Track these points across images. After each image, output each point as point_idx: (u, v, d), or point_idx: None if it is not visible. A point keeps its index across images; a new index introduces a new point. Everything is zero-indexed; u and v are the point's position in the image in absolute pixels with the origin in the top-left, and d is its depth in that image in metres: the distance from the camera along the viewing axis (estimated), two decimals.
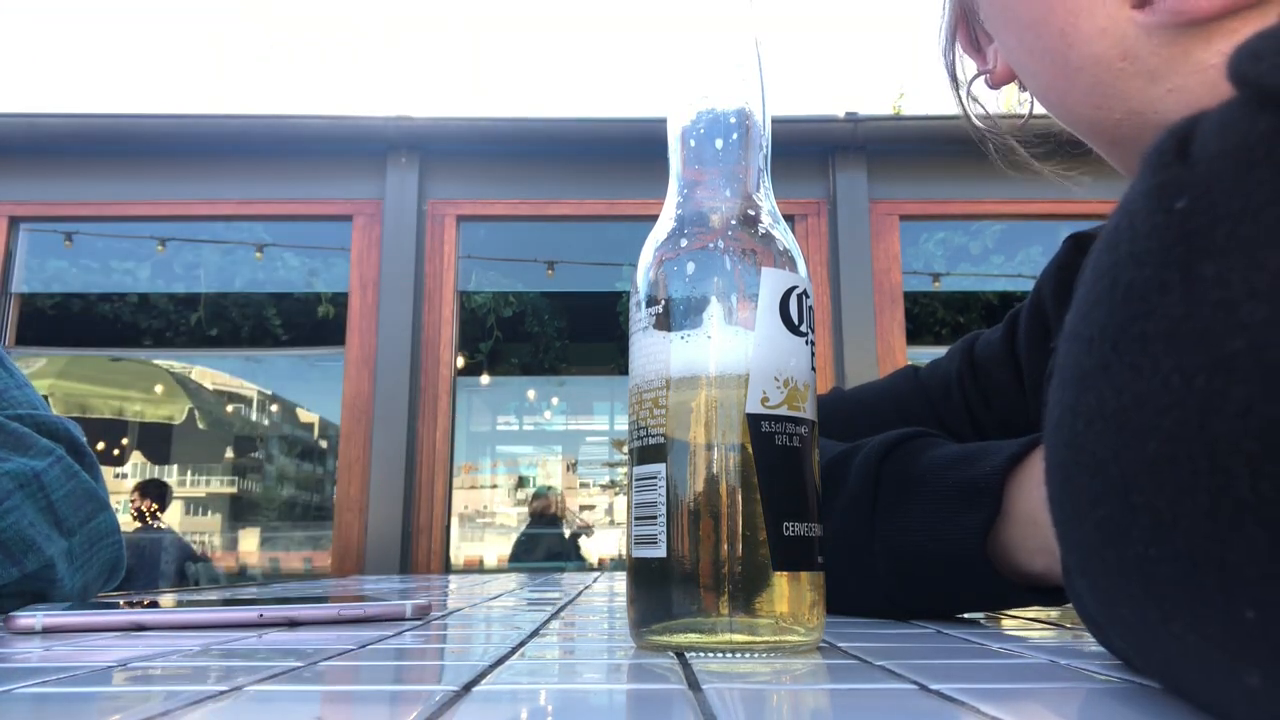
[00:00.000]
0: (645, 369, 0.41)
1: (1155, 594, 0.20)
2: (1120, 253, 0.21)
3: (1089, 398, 0.22)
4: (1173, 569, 0.19)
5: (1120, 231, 0.22)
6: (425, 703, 0.26)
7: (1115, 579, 0.22)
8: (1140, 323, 0.20)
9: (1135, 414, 0.20)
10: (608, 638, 0.45)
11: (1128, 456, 0.20)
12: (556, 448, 7.17)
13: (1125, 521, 0.20)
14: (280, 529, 6.82)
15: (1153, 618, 0.21)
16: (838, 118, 3.54)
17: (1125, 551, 0.21)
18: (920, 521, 0.52)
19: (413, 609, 0.54)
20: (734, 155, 0.43)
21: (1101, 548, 0.22)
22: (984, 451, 0.52)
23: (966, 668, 0.33)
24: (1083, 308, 0.23)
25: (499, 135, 3.57)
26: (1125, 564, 0.21)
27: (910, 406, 0.75)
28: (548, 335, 5.91)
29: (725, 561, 0.38)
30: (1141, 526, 0.20)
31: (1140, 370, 0.20)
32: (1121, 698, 0.27)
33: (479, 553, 6.26)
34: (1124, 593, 0.22)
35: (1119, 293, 0.21)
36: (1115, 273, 0.22)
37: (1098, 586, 0.23)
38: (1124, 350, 0.21)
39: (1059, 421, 0.23)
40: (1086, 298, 0.23)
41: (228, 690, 0.28)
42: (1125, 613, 0.22)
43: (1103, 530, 0.21)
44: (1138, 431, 0.20)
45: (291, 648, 0.40)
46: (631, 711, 0.27)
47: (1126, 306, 0.21)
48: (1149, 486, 0.19)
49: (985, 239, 4.65)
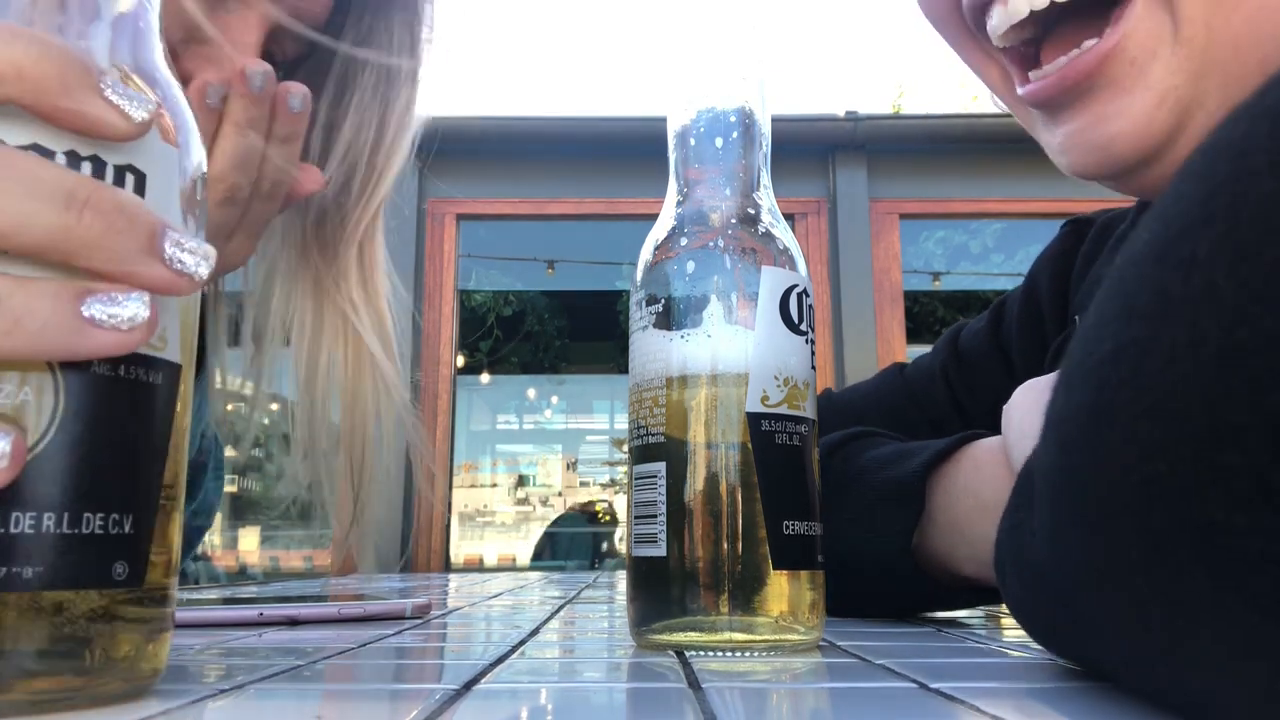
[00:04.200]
0: (645, 368, 0.41)
1: (1219, 566, 0.18)
2: (1255, 161, 0.18)
3: (1175, 331, 0.18)
4: (1265, 544, 0.17)
5: (1255, 139, 0.18)
6: (425, 701, 0.26)
7: (1150, 542, 0.19)
8: (1276, 248, 0.17)
9: (1254, 356, 0.17)
10: (608, 637, 0.45)
11: (1232, 405, 0.17)
12: (556, 446, 7.18)
13: (1200, 481, 0.17)
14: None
15: (1196, 592, 0.18)
16: (838, 116, 3.54)
17: (1185, 515, 0.18)
18: (851, 517, 0.53)
19: (413, 608, 0.54)
20: (734, 154, 0.43)
21: (1141, 509, 0.19)
22: (915, 450, 0.52)
23: (966, 666, 0.33)
24: (1176, 225, 0.20)
25: (499, 134, 3.57)
26: (1177, 528, 0.18)
27: (893, 406, 0.75)
28: (548, 334, 5.91)
29: (725, 560, 0.38)
30: (1231, 491, 0.17)
31: (1270, 303, 0.17)
32: (1121, 697, 0.27)
33: (479, 551, 6.26)
34: (1159, 559, 0.19)
35: (1246, 210, 0.18)
36: (1240, 186, 0.18)
37: (1100, 560, 0.21)
38: (1247, 278, 0.17)
39: (1111, 357, 0.20)
40: (1185, 214, 0.19)
41: (228, 689, 0.28)
42: (1139, 586, 0.20)
43: (1152, 488, 0.19)
44: (1255, 377, 0.17)
45: (292, 646, 0.40)
46: (631, 710, 0.27)
47: (1257, 225, 0.17)
48: (1261, 444, 0.16)
49: (985, 237, 4.65)
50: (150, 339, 0.25)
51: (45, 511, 0.24)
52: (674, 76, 0.44)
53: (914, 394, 0.75)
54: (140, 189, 0.26)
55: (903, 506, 0.50)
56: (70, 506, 0.24)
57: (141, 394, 0.26)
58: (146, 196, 0.26)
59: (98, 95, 0.25)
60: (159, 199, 0.27)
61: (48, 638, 0.24)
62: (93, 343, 0.24)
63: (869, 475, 0.53)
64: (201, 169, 0.29)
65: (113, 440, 0.25)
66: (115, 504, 0.25)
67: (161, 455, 0.27)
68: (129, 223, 0.25)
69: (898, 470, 0.52)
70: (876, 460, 0.54)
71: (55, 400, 0.24)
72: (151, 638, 0.27)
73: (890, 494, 0.51)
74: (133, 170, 0.26)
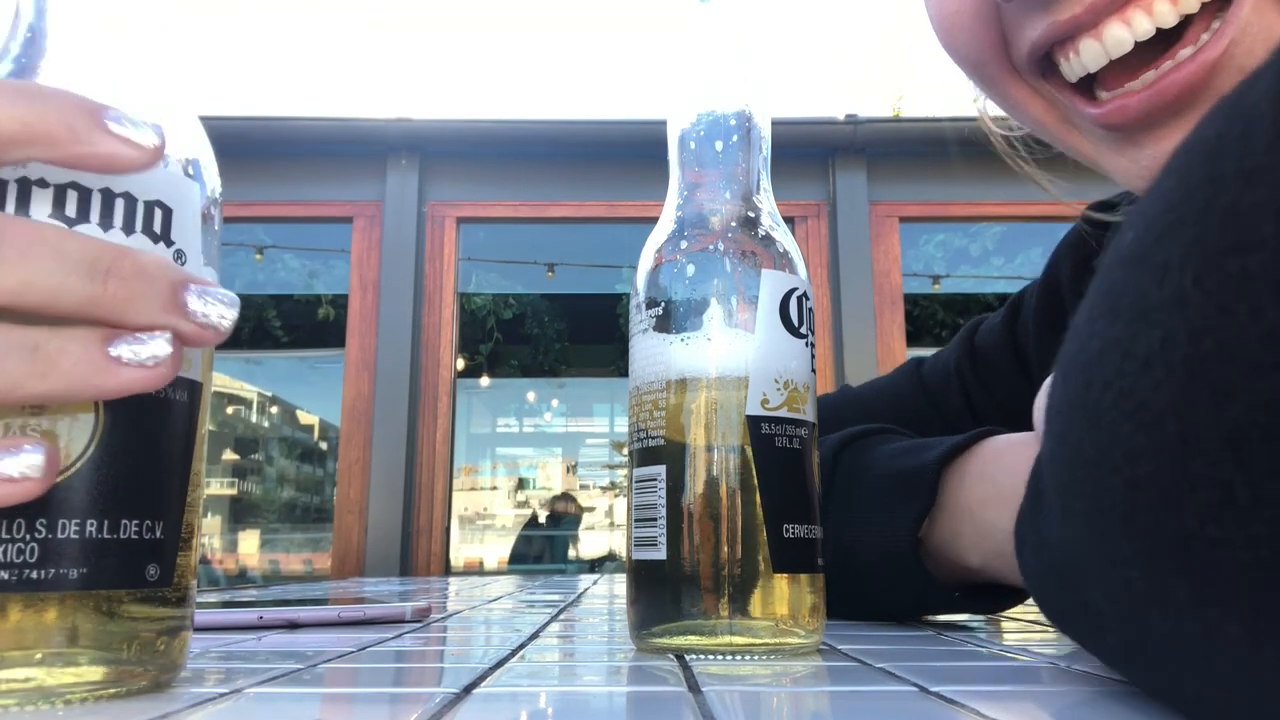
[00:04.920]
0: (645, 371, 0.41)
1: (1198, 575, 0.18)
2: (1223, 167, 0.18)
3: (1151, 336, 0.18)
4: (1234, 555, 0.17)
5: (1228, 141, 0.18)
6: (425, 705, 0.26)
7: (1137, 544, 0.19)
8: (1241, 257, 0.17)
9: (1217, 367, 0.17)
10: (608, 640, 0.45)
11: (1197, 415, 0.17)
12: (556, 450, 7.17)
13: (1175, 488, 0.17)
14: (280, 531, 6.82)
15: (1180, 599, 0.18)
16: (837, 120, 3.55)
17: (1165, 521, 0.18)
18: (861, 509, 0.52)
19: (413, 611, 0.54)
20: (734, 157, 0.43)
21: (1127, 510, 0.19)
22: (931, 444, 0.52)
23: (966, 670, 0.33)
24: (1156, 227, 0.19)
25: (499, 137, 3.57)
26: (1159, 533, 0.18)
27: (907, 402, 0.74)
28: (548, 337, 5.91)
29: (725, 563, 0.38)
30: (1201, 500, 0.17)
31: (1233, 315, 0.16)
32: (1122, 700, 0.27)
33: (479, 555, 6.25)
34: (1146, 561, 0.19)
35: (1215, 217, 0.17)
36: (1213, 190, 0.18)
37: (1098, 550, 0.21)
38: (1212, 288, 0.17)
39: (1098, 355, 0.20)
40: (1163, 216, 0.19)
41: (228, 692, 0.28)
42: (1133, 580, 0.20)
43: (1136, 491, 0.19)
44: (1217, 388, 0.17)
45: (291, 650, 0.40)
46: (632, 714, 0.27)
47: (1224, 235, 0.17)
48: (1224, 455, 0.16)
49: (985, 241, 4.65)
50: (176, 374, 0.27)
51: (88, 519, 0.26)
52: (674, 80, 0.44)
53: (930, 391, 0.74)
54: (167, 222, 0.29)
55: (914, 496, 0.49)
56: (110, 514, 0.27)
57: (170, 411, 0.29)
58: (173, 228, 0.29)
59: (106, 133, 0.26)
60: (184, 229, 0.29)
61: (89, 633, 0.26)
62: (121, 380, 0.25)
63: (880, 467, 0.53)
64: (216, 193, 0.32)
65: (146, 453, 0.28)
66: (148, 511, 0.28)
67: (186, 465, 0.29)
68: (150, 285, 0.26)
69: (912, 461, 0.51)
70: (889, 454, 0.53)
71: (96, 418, 0.27)
72: (176, 635, 0.29)
73: (902, 483, 0.50)
74: (160, 205, 0.29)
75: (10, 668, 0.25)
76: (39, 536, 0.25)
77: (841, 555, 0.52)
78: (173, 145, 0.29)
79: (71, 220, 0.27)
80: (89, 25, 0.29)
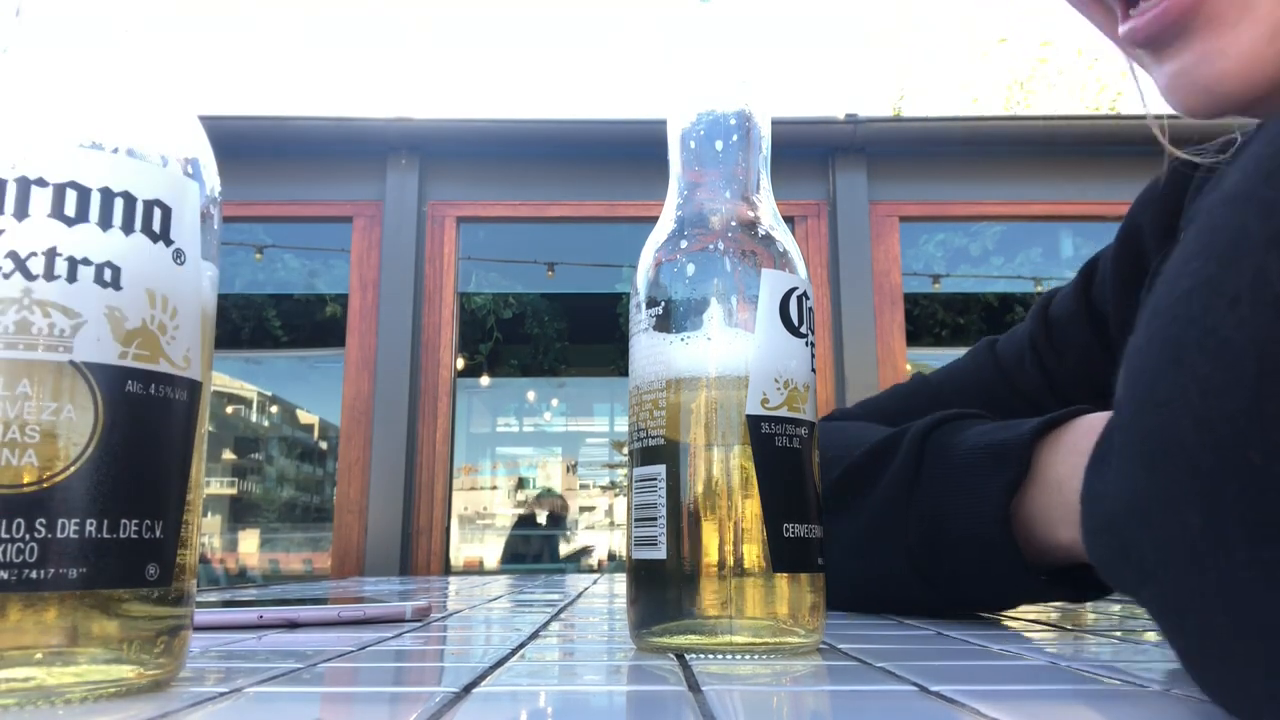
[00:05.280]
0: (645, 370, 0.41)
1: (1261, 512, 0.17)
2: None
3: (1242, 273, 0.18)
4: None
5: None
6: (425, 704, 0.26)
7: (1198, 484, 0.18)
8: None
9: None
10: (608, 639, 0.45)
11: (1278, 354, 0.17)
12: (556, 449, 7.17)
13: (1249, 426, 0.17)
14: (280, 530, 6.82)
15: (1238, 538, 0.18)
16: (837, 119, 3.54)
17: (1231, 459, 0.17)
18: (952, 486, 0.51)
19: (413, 610, 0.54)
20: (734, 157, 0.43)
21: (1194, 448, 0.18)
22: (1023, 422, 0.51)
23: (967, 669, 0.33)
24: (1265, 166, 0.19)
25: (499, 137, 3.57)
26: (1224, 472, 0.18)
27: (982, 383, 0.73)
28: (548, 337, 5.91)
29: (725, 563, 0.38)
30: (1272, 441, 0.17)
31: None
32: (1122, 700, 0.27)
33: (479, 554, 6.25)
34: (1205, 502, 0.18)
35: None
36: None
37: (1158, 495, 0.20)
38: None
39: (1185, 294, 0.19)
40: (1274, 157, 0.19)
41: (227, 692, 0.28)
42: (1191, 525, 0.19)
43: (1205, 429, 0.18)
44: None
45: (291, 649, 0.40)
46: (632, 713, 0.27)
47: None
48: None
49: (985, 240, 4.65)
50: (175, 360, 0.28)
51: (88, 518, 0.26)
52: (674, 79, 0.44)
53: (1005, 369, 0.72)
54: (166, 221, 0.29)
55: (1004, 468, 0.48)
56: (110, 513, 0.27)
57: (169, 410, 0.29)
58: (172, 227, 0.29)
59: None
60: (183, 228, 0.30)
61: (89, 633, 0.26)
62: None
63: (968, 444, 0.51)
64: (216, 192, 0.32)
65: (145, 453, 0.28)
66: (148, 510, 0.28)
67: (186, 465, 0.29)
68: None
69: (1002, 435, 0.50)
70: (979, 433, 0.52)
71: (96, 418, 0.27)
72: (176, 634, 0.29)
73: (992, 456, 0.49)
74: (160, 205, 0.29)
75: (10, 667, 0.25)
76: (39, 536, 0.25)
77: (927, 541, 0.51)
78: (173, 145, 0.29)
79: (71, 220, 0.27)
80: (89, 25, 0.29)
